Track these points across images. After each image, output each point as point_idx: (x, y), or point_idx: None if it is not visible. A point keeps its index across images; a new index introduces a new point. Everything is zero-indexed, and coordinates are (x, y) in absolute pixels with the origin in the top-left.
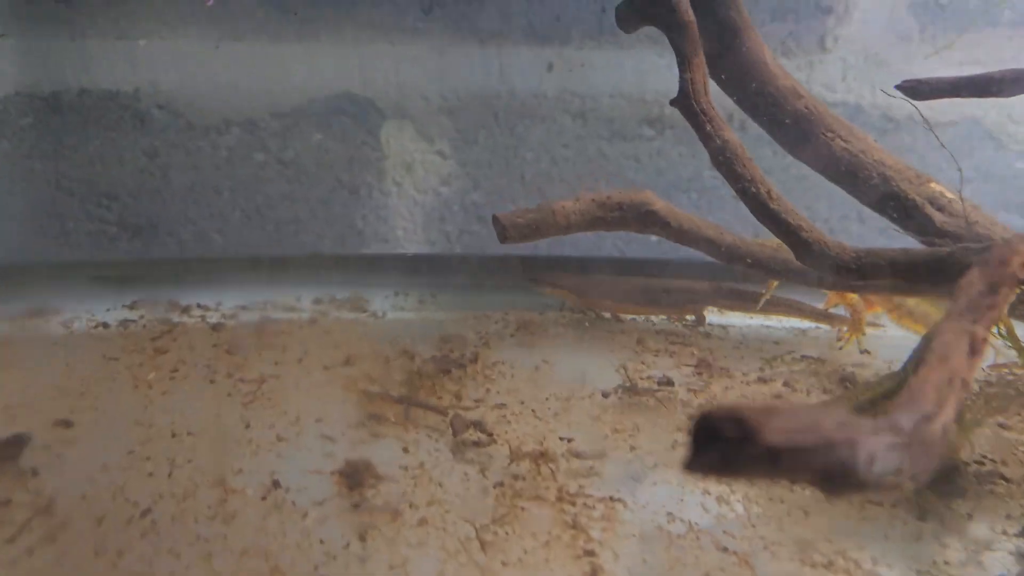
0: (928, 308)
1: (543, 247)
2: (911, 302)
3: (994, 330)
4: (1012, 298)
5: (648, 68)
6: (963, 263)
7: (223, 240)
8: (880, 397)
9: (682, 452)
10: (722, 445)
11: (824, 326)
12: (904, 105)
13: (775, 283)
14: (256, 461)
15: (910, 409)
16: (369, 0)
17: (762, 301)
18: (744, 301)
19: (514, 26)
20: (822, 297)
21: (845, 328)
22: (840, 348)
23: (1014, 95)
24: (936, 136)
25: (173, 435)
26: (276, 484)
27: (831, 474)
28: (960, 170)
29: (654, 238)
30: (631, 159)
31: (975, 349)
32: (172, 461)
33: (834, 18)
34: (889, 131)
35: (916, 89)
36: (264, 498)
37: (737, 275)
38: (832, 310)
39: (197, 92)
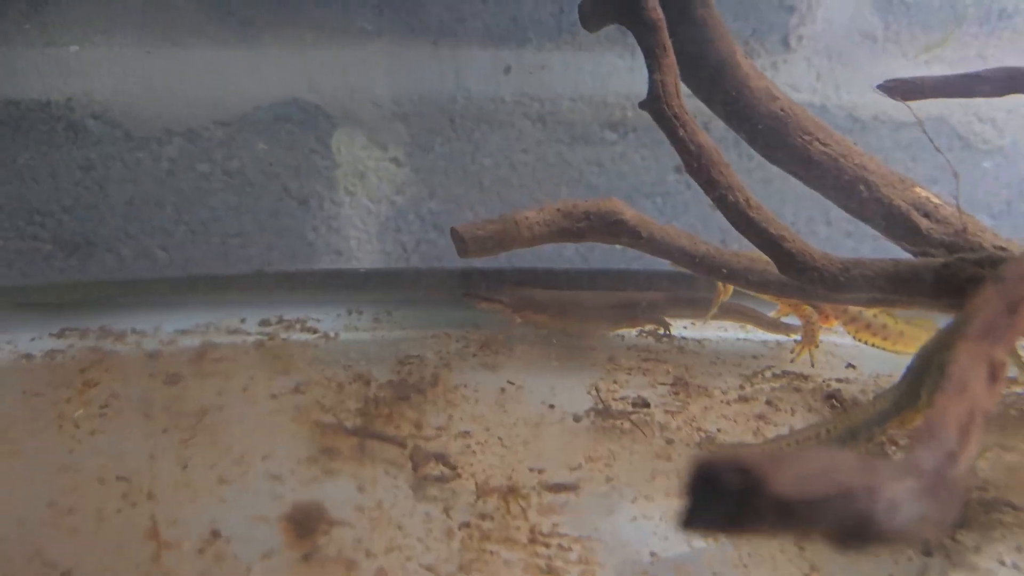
0: (887, 320)
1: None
2: (869, 314)
3: None
4: None
5: (609, 70)
6: (963, 275)
7: (167, 256)
8: (875, 420)
9: (663, 483)
10: (724, 497)
11: (779, 336)
12: (870, 105)
13: (731, 289)
14: (194, 508)
15: (932, 447)
16: (316, 1)
17: (713, 309)
18: (693, 309)
19: (469, 27)
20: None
21: (798, 338)
22: (792, 361)
23: (1002, 95)
24: (931, 141)
25: (101, 481)
26: (216, 534)
27: (849, 527)
28: (957, 175)
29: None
30: (593, 164)
31: (995, 376)
32: (99, 512)
33: (797, 17)
34: (855, 131)
35: (898, 89)
36: (202, 551)
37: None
38: (784, 319)
39: (135, 101)
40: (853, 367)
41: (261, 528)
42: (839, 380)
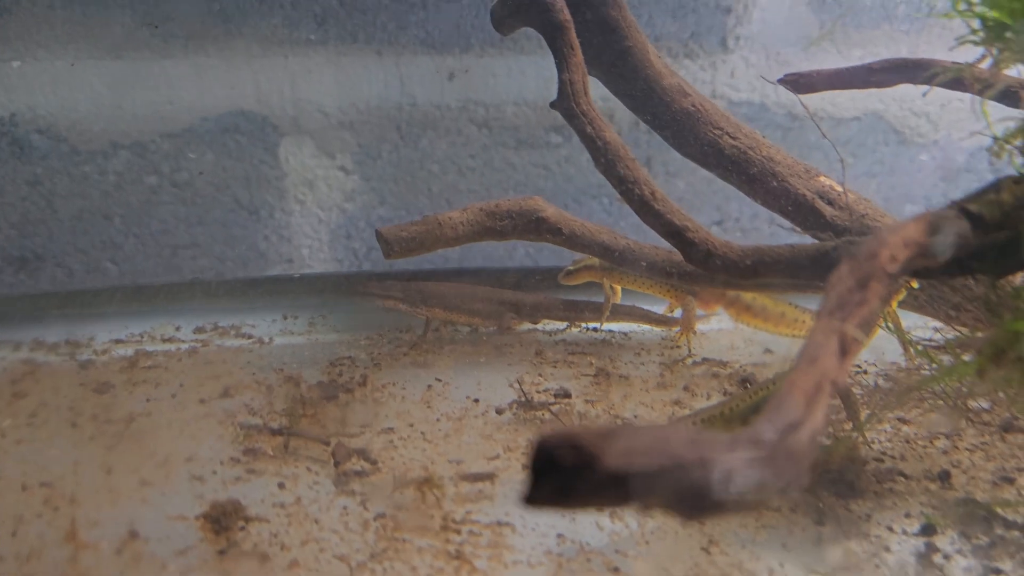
0: (766, 302)
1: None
2: (747, 297)
3: (882, 324)
4: (895, 292)
5: (552, 74)
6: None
7: (117, 269)
8: (765, 400)
9: None
10: (562, 474)
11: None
12: (808, 102)
13: (620, 292)
14: (115, 511)
15: (775, 418)
16: (259, 12)
17: (605, 313)
18: (589, 312)
19: (411, 35)
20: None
21: (677, 329)
22: (679, 347)
23: (891, 85)
24: (824, 134)
25: (24, 488)
26: (134, 535)
27: (684, 498)
28: (842, 161)
29: None
30: (539, 167)
31: (846, 349)
32: (19, 517)
33: (734, 17)
34: (794, 129)
35: (797, 83)
36: (119, 552)
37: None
38: (672, 313)
39: (80, 115)
40: (771, 352)
41: (179, 527)
42: (756, 365)
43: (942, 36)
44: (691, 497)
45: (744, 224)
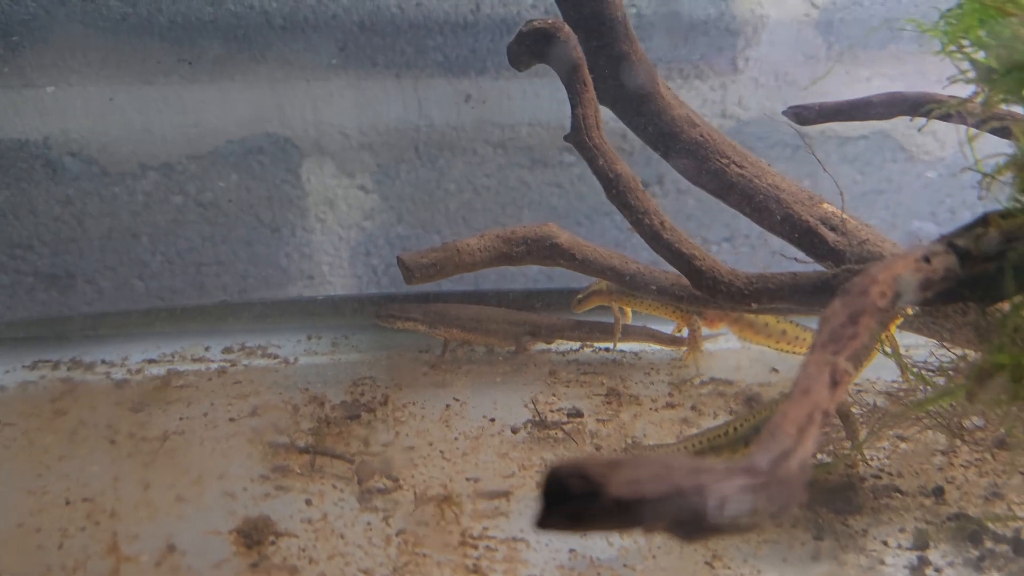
0: (768, 320)
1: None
2: (750, 315)
3: (880, 348)
4: (892, 318)
5: (565, 96)
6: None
7: (144, 287)
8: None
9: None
10: (572, 500)
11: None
12: None
13: (630, 314)
14: (153, 525)
15: (768, 447)
16: (283, 38)
17: (616, 334)
18: (601, 332)
19: (429, 59)
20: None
21: (684, 348)
22: (687, 367)
23: (890, 118)
24: (817, 159)
25: (67, 503)
26: (172, 548)
27: (684, 522)
28: (842, 193)
29: None
30: (553, 186)
31: (836, 380)
32: (64, 531)
33: (743, 39)
34: (802, 147)
35: (800, 115)
36: (159, 564)
37: None
38: (681, 333)
39: (110, 138)
40: (776, 371)
41: (214, 541)
42: (761, 384)
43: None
44: (690, 521)
45: (753, 240)
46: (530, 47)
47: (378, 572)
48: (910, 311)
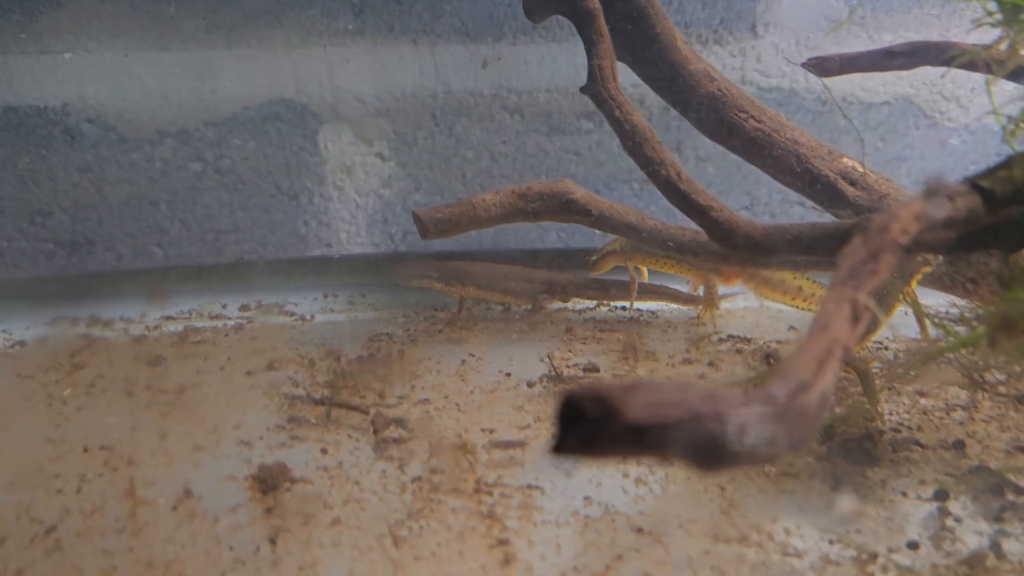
0: (784, 276)
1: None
2: (766, 271)
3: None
4: (915, 270)
5: (583, 61)
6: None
7: (163, 253)
8: None
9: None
10: (588, 424)
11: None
12: (837, 87)
13: (646, 273)
14: (170, 472)
15: (787, 378)
16: (298, 4)
17: (633, 293)
18: (618, 291)
19: (446, 24)
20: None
21: (700, 306)
22: (703, 324)
23: (912, 68)
24: (845, 115)
25: (85, 450)
26: (188, 493)
27: (700, 449)
28: (862, 140)
29: None
30: (571, 153)
31: (857, 316)
32: (82, 476)
33: (764, 4)
34: (824, 113)
35: (821, 66)
36: (175, 508)
37: None
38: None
39: (127, 104)
40: (795, 329)
41: (230, 487)
42: (779, 342)
43: (972, 19)
44: (706, 448)
45: (773, 208)
46: None
47: (393, 517)
48: (937, 260)
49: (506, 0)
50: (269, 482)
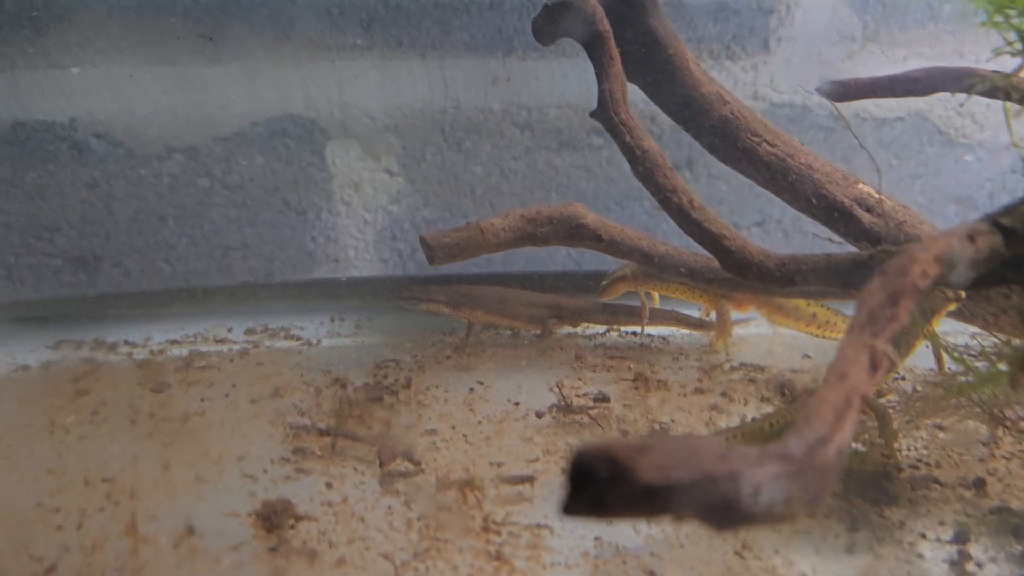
0: (798, 302)
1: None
2: (779, 298)
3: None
4: (940, 306)
5: (594, 77)
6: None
7: (170, 269)
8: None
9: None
10: (599, 485)
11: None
12: (850, 104)
13: (657, 298)
14: (172, 506)
15: (803, 433)
16: (307, 18)
17: (644, 318)
18: (628, 316)
19: (456, 39)
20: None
21: (713, 333)
22: (716, 352)
23: (929, 93)
24: (856, 138)
25: (87, 483)
26: (191, 530)
27: (714, 509)
28: (879, 170)
29: None
30: (581, 169)
31: (875, 363)
32: (83, 511)
33: (776, 19)
34: (836, 130)
35: (838, 91)
36: (177, 546)
37: None
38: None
39: (135, 119)
40: (809, 357)
41: (232, 524)
42: (793, 371)
43: (988, 36)
44: (721, 509)
45: (786, 225)
46: (556, 21)
47: (399, 557)
48: (962, 295)
49: (515, 15)
50: (273, 519)
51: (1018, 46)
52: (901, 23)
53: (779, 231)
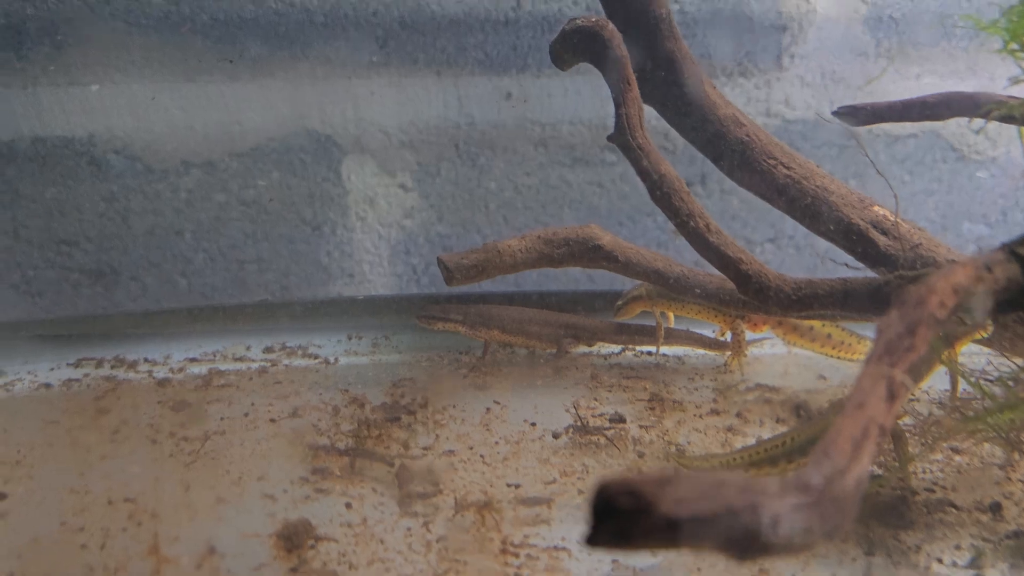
0: (814, 323)
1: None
2: (794, 319)
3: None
4: (963, 335)
5: (607, 94)
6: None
7: (187, 283)
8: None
9: None
10: (621, 518)
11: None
12: None
13: (672, 318)
14: (194, 526)
15: (822, 465)
16: (323, 36)
17: (659, 338)
18: (643, 336)
19: (470, 56)
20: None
21: (728, 353)
22: (731, 372)
23: (945, 119)
24: (868, 158)
25: (109, 502)
26: (212, 551)
27: (736, 541)
28: (896, 196)
29: None
30: (594, 185)
31: (893, 394)
32: (106, 531)
33: (789, 36)
34: (849, 146)
35: (853, 115)
36: (199, 566)
37: None
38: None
39: (153, 135)
40: (824, 378)
41: (253, 544)
42: (809, 391)
43: (1002, 56)
44: (742, 540)
45: (799, 241)
46: (573, 46)
47: None
48: (989, 328)
49: (530, 33)
50: (293, 540)
51: None
52: (914, 40)
53: (792, 247)
